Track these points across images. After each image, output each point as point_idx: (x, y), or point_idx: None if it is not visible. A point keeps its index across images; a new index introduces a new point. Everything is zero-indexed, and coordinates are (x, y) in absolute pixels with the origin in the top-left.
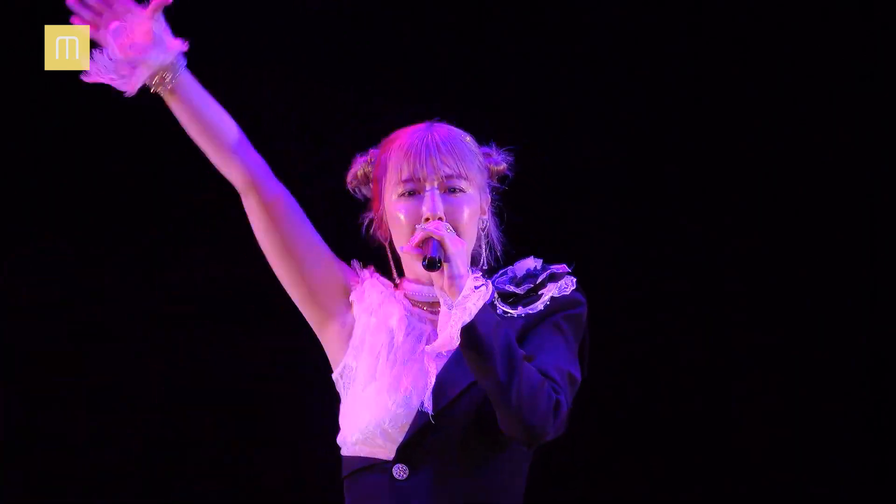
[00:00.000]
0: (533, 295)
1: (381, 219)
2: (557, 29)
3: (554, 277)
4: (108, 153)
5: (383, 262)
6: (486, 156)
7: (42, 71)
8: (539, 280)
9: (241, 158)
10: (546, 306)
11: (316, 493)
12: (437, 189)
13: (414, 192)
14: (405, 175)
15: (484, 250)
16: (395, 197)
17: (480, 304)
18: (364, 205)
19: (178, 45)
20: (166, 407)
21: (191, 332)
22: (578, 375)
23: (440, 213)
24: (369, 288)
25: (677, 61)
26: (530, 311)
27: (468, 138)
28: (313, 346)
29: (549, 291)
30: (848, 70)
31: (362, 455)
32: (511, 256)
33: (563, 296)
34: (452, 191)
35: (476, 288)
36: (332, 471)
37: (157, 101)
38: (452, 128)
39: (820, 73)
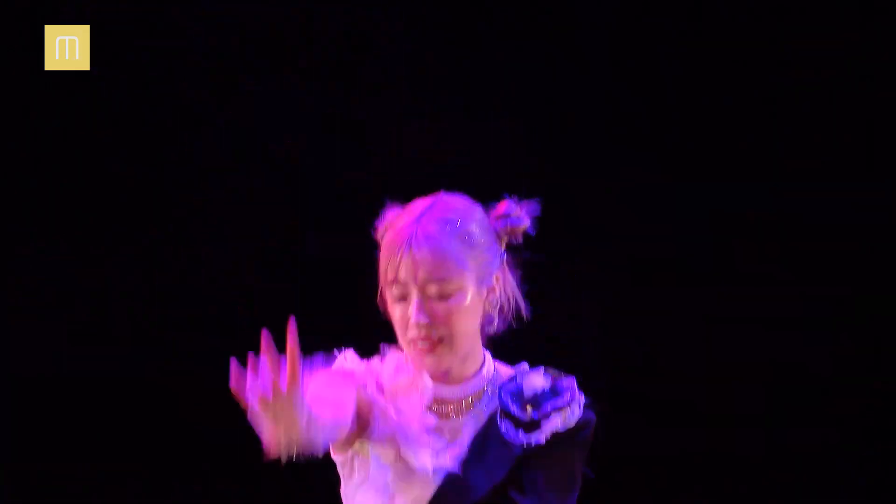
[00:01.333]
0: (536, 426)
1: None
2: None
3: (559, 407)
4: (108, 153)
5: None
6: (500, 219)
7: (42, 71)
8: (544, 409)
9: (337, 430)
10: (547, 440)
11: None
12: (422, 296)
13: (404, 297)
14: (390, 277)
15: (496, 317)
16: (388, 295)
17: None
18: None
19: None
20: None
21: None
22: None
23: (424, 322)
24: (389, 385)
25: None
26: (530, 443)
27: (469, 225)
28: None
29: (554, 426)
30: (847, 70)
31: None
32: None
33: (567, 429)
34: (441, 296)
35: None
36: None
37: (158, 101)
38: (448, 212)
39: (820, 73)
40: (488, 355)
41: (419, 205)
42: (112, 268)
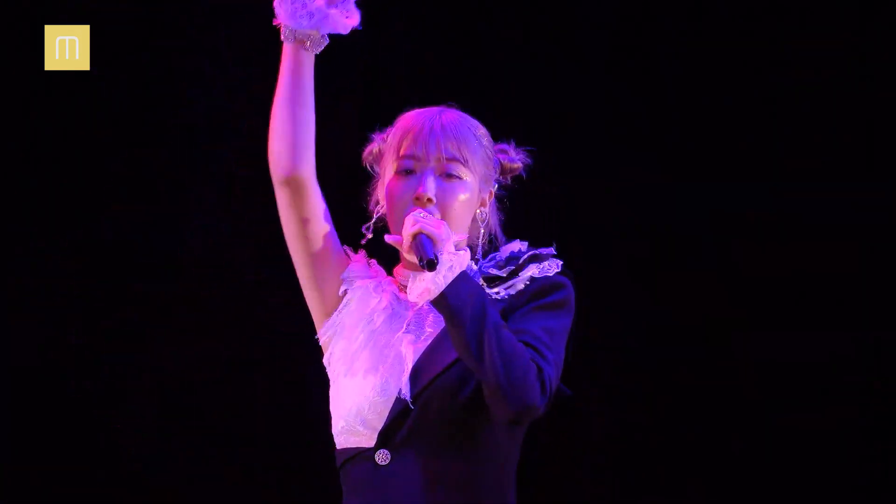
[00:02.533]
0: (514, 276)
1: (381, 196)
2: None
3: (536, 258)
4: (108, 153)
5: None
6: (501, 152)
7: (42, 71)
8: (521, 261)
9: (310, 149)
10: (526, 286)
11: (319, 483)
12: (434, 171)
13: (411, 172)
14: (404, 151)
15: (481, 241)
16: (393, 174)
17: (457, 270)
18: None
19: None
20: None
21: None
22: (561, 357)
23: (431, 195)
24: (358, 273)
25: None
26: (510, 292)
27: (480, 129)
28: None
29: (530, 272)
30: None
31: (349, 446)
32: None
33: (546, 277)
34: (450, 176)
35: (456, 253)
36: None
37: (158, 101)
38: (465, 115)
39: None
40: (469, 253)
41: (431, 108)
42: (112, 267)
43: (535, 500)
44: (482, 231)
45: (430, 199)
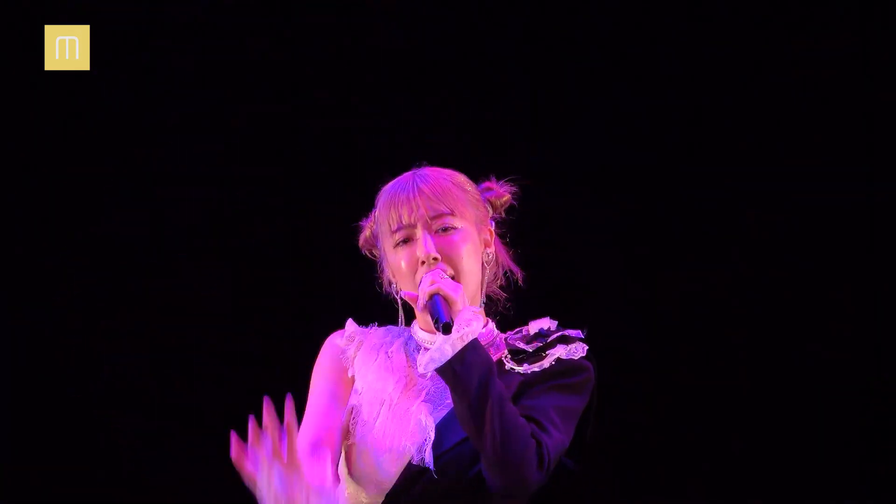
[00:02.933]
0: (540, 355)
1: (390, 274)
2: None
3: (565, 340)
4: (108, 153)
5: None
6: (486, 190)
7: (42, 71)
8: (549, 340)
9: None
10: (551, 366)
11: None
12: (429, 232)
13: (408, 240)
14: (394, 225)
15: (497, 283)
16: (392, 249)
17: (467, 339)
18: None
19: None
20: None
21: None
22: (567, 436)
23: (434, 253)
24: (368, 351)
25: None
26: (534, 370)
27: (458, 177)
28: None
29: (557, 353)
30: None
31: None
32: (522, 304)
33: (571, 359)
34: (445, 230)
35: (468, 321)
36: None
37: (158, 101)
38: (439, 169)
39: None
40: (492, 322)
41: (403, 174)
42: (112, 266)
43: (536, 499)
44: (493, 272)
45: (434, 258)
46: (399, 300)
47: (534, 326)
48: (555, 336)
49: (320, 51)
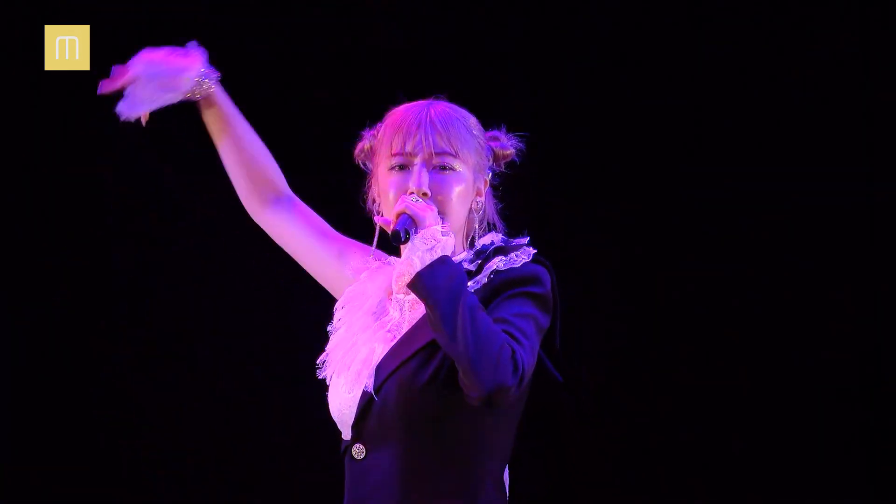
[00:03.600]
0: (480, 270)
1: (377, 192)
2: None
3: (502, 251)
4: (108, 153)
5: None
6: (493, 139)
7: (42, 71)
8: (487, 254)
9: (271, 171)
10: (490, 279)
11: (320, 482)
12: (426, 165)
13: (404, 167)
14: (395, 149)
15: (477, 231)
16: (386, 170)
17: (437, 253)
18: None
19: (198, 61)
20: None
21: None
22: (537, 343)
23: (425, 188)
24: (360, 281)
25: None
26: (475, 287)
27: (470, 119)
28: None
29: (493, 265)
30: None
31: (343, 441)
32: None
33: (514, 269)
34: (443, 168)
35: (437, 237)
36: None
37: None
38: (454, 106)
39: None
40: (468, 252)
41: (420, 101)
42: (112, 265)
43: (535, 499)
44: (478, 221)
45: (424, 194)
46: (376, 225)
47: (478, 244)
48: (492, 249)
49: (321, 50)
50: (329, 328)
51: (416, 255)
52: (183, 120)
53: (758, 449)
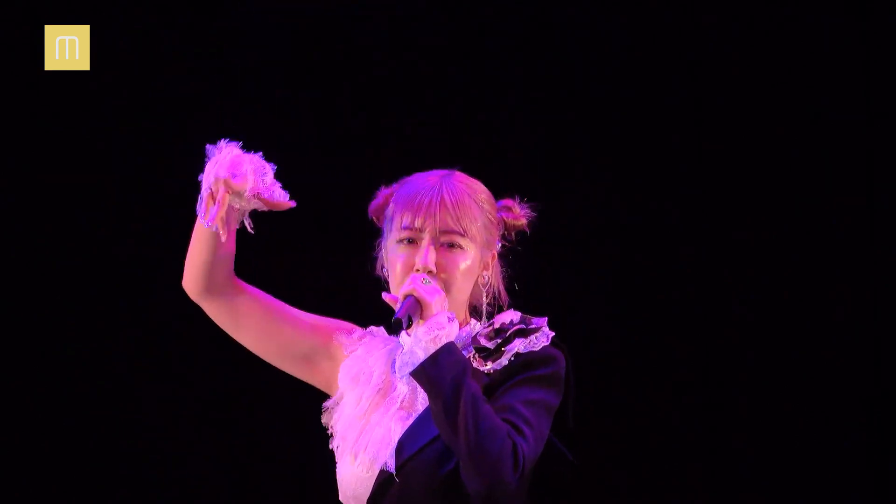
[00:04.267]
0: (500, 351)
1: (385, 260)
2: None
3: (524, 333)
4: (107, 153)
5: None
6: (505, 209)
7: (42, 71)
8: (508, 334)
9: (220, 273)
10: (510, 362)
11: (319, 481)
12: (434, 242)
13: (412, 241)
14: (405, 223)
15: (485, 305)
16: (393, 242)
17: (441, 341)
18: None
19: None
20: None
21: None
22: (542, 431)
23: (431, 267)
24: (355, 358)
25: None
26: (495, 367)
27: (482, 195)
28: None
29: (515, 347)
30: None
31: None
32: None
33: (533, 352)
34: (450, 246)
35: (441, 325)
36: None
37: (158, 101)
38: (469, 181)
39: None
40: (475, 322)
41: (436, 171)
42: (112, 265)
43: (535, 500)
44: (485, 293)
45: (430, 272)
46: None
47: (497, 321)
48: (513, 329)
49: (322, 50)
50: (328, 404)
51: (419, 346)
52: (181, 119)
53: (758, 449)
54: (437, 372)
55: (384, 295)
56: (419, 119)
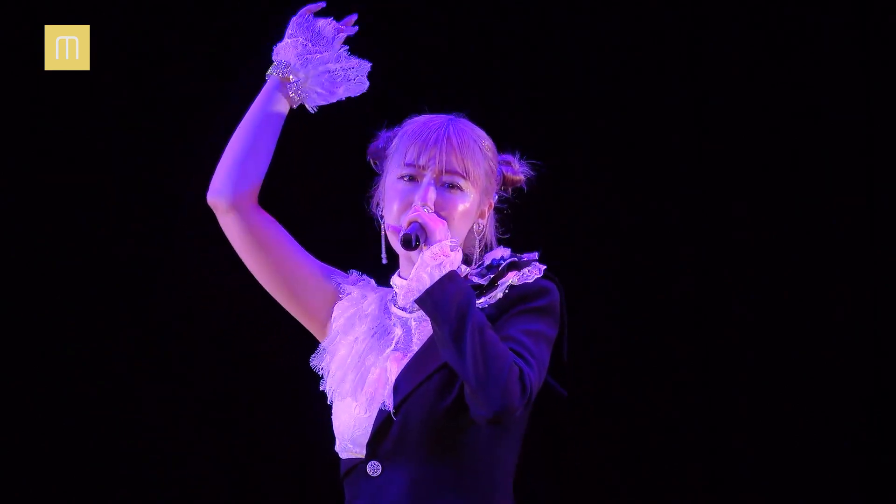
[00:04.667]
0: (494, 285)
1: (381, 197)
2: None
3: (516, 266)
4: (107, 153)
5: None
6: (505, 164)
7: (42, 71)
8: (500, 269)
9: (257, 181)
10: (505, 294)
11: (320, 481)
12: (434, 181)
13: (413, 178)
14: (408, 159)
15: (476, 252)
16: (394, 178)
17: (445, 268)
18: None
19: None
20: (165, 409)
21: (189, 332)
22: (543, 360)
23: (430, 204)
24: (350, 299)
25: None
26: (490, 301)
27: (486, 142)
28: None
29: (509, 279)
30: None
31: (347, 457)
32: None
33: (526, 284)
34: (451, 187)
35: (447, 252)
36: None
37: (158, 101)
38: (474, 127)
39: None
40: (465, 267)
41: (442, 114)
42: (110, 266)
43: (535, 500)
44: (478, 241)
45: (429, 208)
46: (382, 229)
47: (487, 258)
48: (505, 263)
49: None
50: (323, 346)
51: (425, 272)
52: (181, 119)
53: (758, 449)
54: (442, 297)
55: (386, 224)
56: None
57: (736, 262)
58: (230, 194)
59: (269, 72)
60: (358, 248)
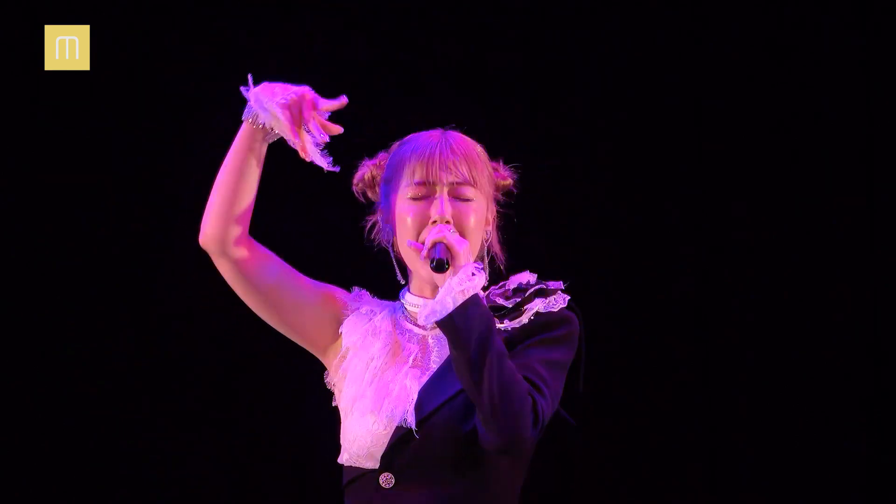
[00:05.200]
0: (520, 310)
1: (386, 221)
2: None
3: (543, 293)
4: (108, 153)
5: (388, 267)
6: (494, 170)
7: (42, 71)
8: (527, 294)
9: (245, 221)
10: (531, 321)
11: (320, 480)
12: (447, 195)
13: (424, 197)
14: (417, 178)
15: (485, 261)
16: (404, 199)
17: (469, 293)
18: (367, 208)
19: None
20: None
21: (189, 333)
22: (557, 390)
23: (448, 217)
24: (359, 315)
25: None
26: (514, 325)
27: (480, 148)
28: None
29: (535, 306)
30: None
31: (355, 466)
32: (511, 269)
33: (551, 313)
34: (462, 198)
35: (471, 276)
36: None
37: (158, 101)
38: (465, 136)
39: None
40: (484, 278)
41: (432, 130)
42: (109, 266)
43: (536, 500)
44: (486, 251)
45: (448, 222)
46: (393, 254)
47: (513, 281)
48: (532, 290)
49: (322, 50)
50: (335, 362)
51: (450, 296)
52: (181, 119)
53: (758, 449)
54: (464, 323)
55: (409, 242)
56: (419, 119)
57: (736, 262)
58: (220, 241)
59: (243, 116)
60: (350, 261)
